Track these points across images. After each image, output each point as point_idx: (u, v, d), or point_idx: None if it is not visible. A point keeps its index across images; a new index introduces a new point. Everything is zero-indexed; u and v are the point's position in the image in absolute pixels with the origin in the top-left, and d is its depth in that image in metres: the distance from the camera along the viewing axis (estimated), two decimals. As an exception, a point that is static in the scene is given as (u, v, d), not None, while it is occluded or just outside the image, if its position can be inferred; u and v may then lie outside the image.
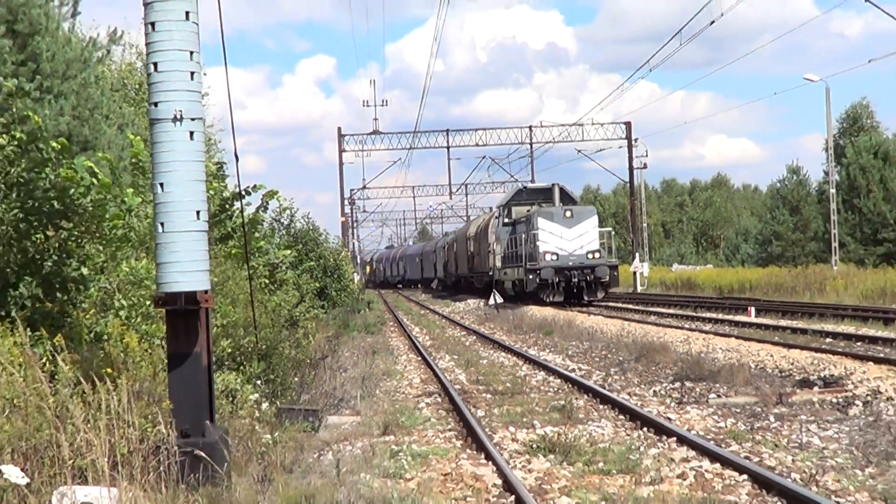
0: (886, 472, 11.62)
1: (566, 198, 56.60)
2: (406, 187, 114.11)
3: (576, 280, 49.96)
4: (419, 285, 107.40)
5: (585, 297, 50.70)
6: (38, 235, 11.59)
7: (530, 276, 49.90)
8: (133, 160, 16.32)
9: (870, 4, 40.19)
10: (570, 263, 49.89)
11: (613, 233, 56.42)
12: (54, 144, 12.05)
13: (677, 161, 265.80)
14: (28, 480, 6.86)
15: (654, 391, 19.02)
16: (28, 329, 9.91)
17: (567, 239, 50.26)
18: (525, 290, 51.12)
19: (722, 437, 14.04)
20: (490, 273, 64.35)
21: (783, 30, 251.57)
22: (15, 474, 6.83)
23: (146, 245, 13.96)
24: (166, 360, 10.03)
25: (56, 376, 8.58)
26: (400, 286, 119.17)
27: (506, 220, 60.44)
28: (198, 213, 9.70)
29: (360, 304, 51.45)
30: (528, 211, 56.57)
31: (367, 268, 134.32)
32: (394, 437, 14.70)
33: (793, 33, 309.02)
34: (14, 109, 12.41)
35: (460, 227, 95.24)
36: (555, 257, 49.94)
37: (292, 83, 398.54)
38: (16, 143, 11.74)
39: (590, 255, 50.23)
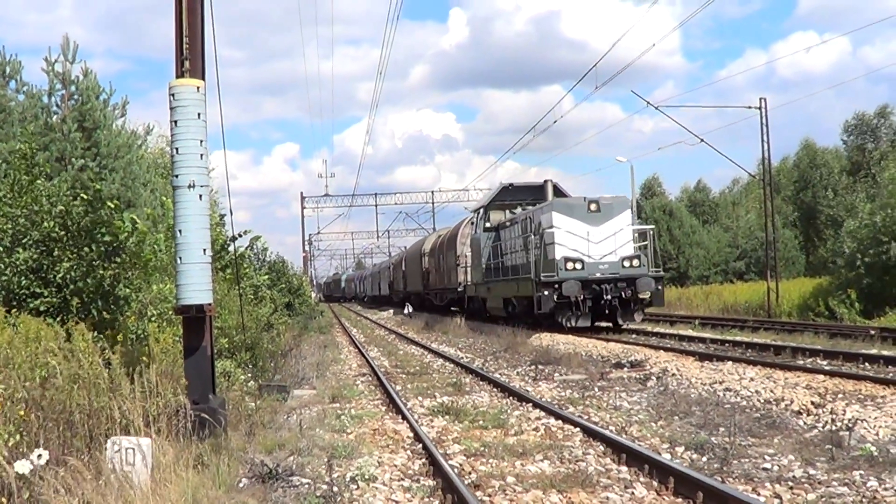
0: (671, 423, 11.78)
1: (559, 194, 34.15)
2: (347, 233, 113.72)
3: (608, 297, 27.10)
4: (374, 299, 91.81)
5: (620, 320, 28.12)
6: (101, 269, 11.63)
7: (545, 293, 27.13)
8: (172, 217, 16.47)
9: (659, 111, 40.83)
10: (599, 274, 27.42)
11: (656, 233, 32.11)
12: (110, 204, 12.14)
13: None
14: (32, 468, 6.53)
15: (517, 372, 19.09)
16: (93, 331, 9.92)
17: (594, 241, 27.63)
18: (539, 309, 27.59)
19: (563, 402, 14.14)
20: (459, 289, 41.87)
21: (601, 127, 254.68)
22: (21, 467, 6.50)
23: (168, 272, 13.92)
24: (183, 351, 10.00)
25: (110, 362, 8.57)
26: (364, 300, 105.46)
27: (486, 225, 36.30)
28: (204, 250, 9.68)
29: (315, 313, 50.73)
30: (521, 211, 33.62)
31: (320, 288, 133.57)
32: (339, 404, 14.65)
33: (608, 129, 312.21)
34: (81, 180, 12.62)
35: (385, 259, 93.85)
36: (579, 266, 27.29)
37: (269, 161, 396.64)
38: (86, 204, 11.81)
39: (626, 263, 27.67)
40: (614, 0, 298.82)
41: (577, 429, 11.43)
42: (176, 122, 9.67)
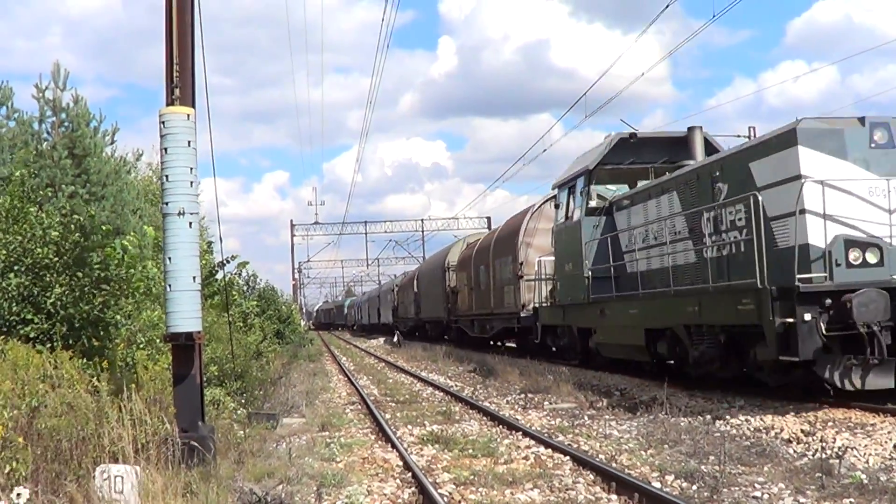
0: (661, 452, 11.77)
1: (712, 151, 18.12)
2: (337, 260, 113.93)
3: None
4: (371, 329, 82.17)
5: None
6: (91, 296, 11.64)
7: (804, 317, 11.36)
8: (154, 241, 16.44)
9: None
10: None
11: None
12: (105, 228, 12.21)
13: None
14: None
15: (507, 400, 19.05)
16: (82, 357, 9.92)
17: (892, 209, 11.84)
18: (786, 353, 12.15)
19: (553, 431, 14.12)
20: (523, 314, 28.71)
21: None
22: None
23: (158, 299, 13.92)
24: (172, 379, 9.99)
25: (98, 389, 8.57)
26: (354, 328, 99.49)
27: (590, 205, 19.99)
28: (194, 277, 9.68)
29: (305, 341, 50.44)
30: (647, 183, 18.53)
31: (310, 317, 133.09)
32: (328, 433, 14.61)
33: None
34: (71, 206, 12.68)
35: (375, 287, 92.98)
36: (873, 257, 11.62)
37: (259, 189, 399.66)
38: (79, 233, 11.85)
39: None
40: (603, 29, 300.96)
41: (567, 457, 11.40)
42: (166, 149, 9.69)
